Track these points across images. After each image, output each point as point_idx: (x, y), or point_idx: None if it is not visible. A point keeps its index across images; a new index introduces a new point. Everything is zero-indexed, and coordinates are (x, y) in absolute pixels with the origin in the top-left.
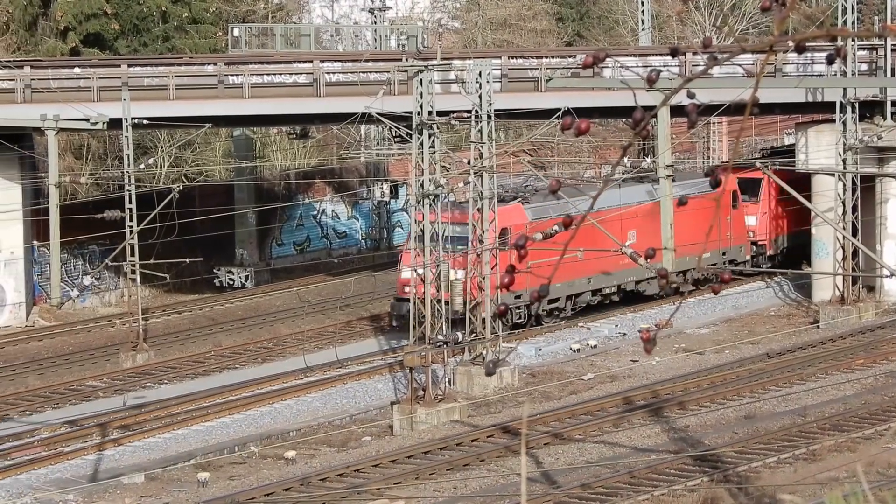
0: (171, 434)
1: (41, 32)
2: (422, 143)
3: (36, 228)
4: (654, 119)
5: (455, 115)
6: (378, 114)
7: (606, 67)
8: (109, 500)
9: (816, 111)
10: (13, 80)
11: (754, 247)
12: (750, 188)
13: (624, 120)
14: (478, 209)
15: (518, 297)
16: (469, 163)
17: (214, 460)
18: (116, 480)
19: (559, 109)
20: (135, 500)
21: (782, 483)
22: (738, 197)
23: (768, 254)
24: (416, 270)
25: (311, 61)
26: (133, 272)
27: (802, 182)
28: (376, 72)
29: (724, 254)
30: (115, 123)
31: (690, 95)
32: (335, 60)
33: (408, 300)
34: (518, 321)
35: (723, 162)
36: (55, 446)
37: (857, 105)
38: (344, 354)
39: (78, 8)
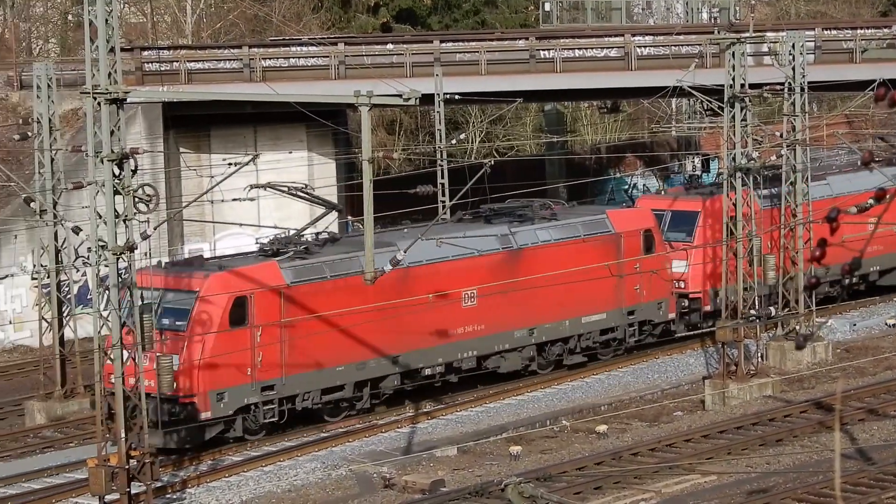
0: (483, 407)
1: (354, 9)
2: (734, 117)
3: (350, 203)
4: None
5: (768, 87)
6: (689, 87)
7: None
8: (422, 472)
9: None
10: (328, 57)
11: (686, 301)
12: (682, 224)
13: None
14: (790, 182)
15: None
16: (782, 136)
17: (526, 434)
18: (429, 453)
19: (874, 81)
20: (447, 473)
21: None
22: (656, 237)
23: (706, 310)
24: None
25: (623, 35)
26: None
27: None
28: (688, 45)
29: (630, 313)
30: (426, 99)
31: None
32: (646, 34)
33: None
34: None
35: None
36: (369, 419)
37: None
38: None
39: None
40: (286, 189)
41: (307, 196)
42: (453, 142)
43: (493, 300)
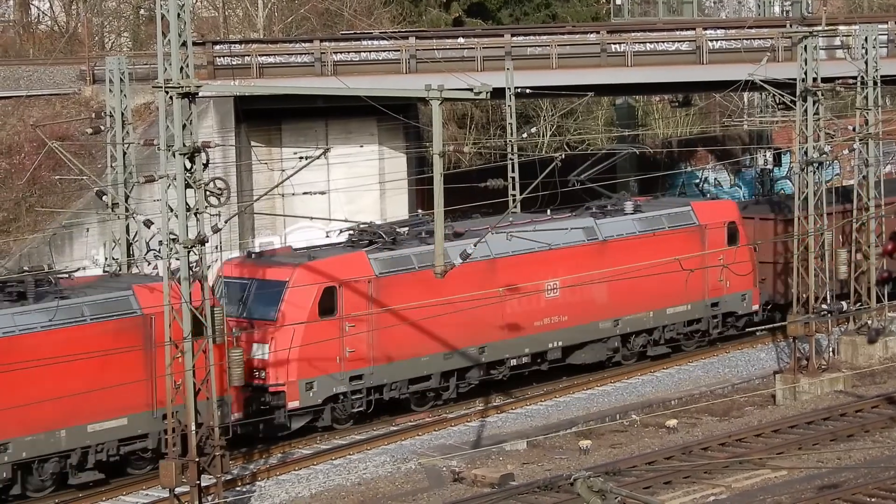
0: (552, 401)
1: (425, 3)
2: (806, 111)
3: (420, 197)
4: None
5: (840, 81)
6: (761, 81)
7: None
8: (492, 465)
9: None
10: (399, 51)
11: (269, 396)
12: (267, 297)
13: None
14: (863, 177)
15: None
16: (854, 130)
17: (596, 428)
18: (499, 447)
19: None
20: (517, 467)
21: None
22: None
23: (291, 406)
24: None
25: (694, 29)
26: None
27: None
28: (759, 38)
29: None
30: (497, 93)
31: None
32: (718, 27)
33: None
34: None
35: None
36: (439, 413)
37: None
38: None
39: None
40: None
41: None
42: (524, 136)
43: None
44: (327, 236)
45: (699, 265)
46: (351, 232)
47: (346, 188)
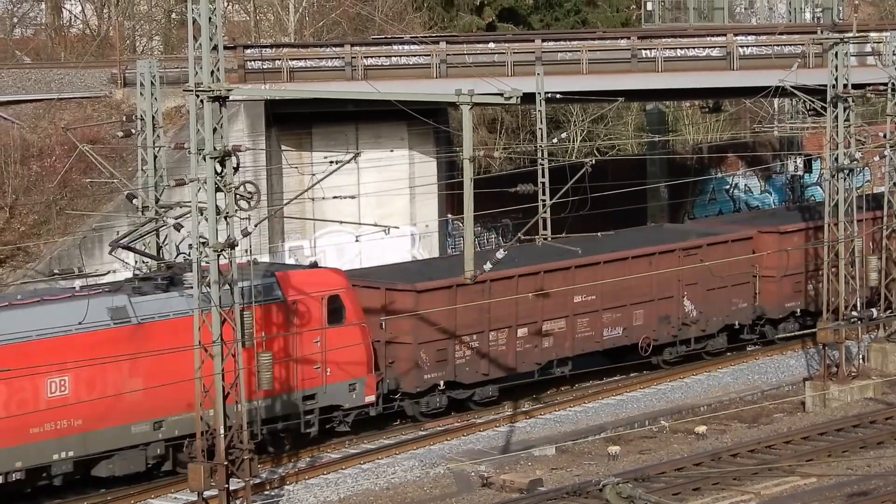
0: (581, 407)
1: (457, 8)
2: (836, 117)
3: (450, 202)
4: None
5: (871, 87)
6: (792, 87)
7: None
8: (521, 471)
9: None
10: (429, 55)
11: None
12: None
13: None
14: (894, 184)
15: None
16: (885, 136)
17: (625, 434)
18: (527, 452)
19: None
20: (545, 472)
21: None
22: None
23: None
24: None
25: (725, 34)
26: None
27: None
28: (790, 45)
29: None
30: (528, 98)
31: None
32: (749, 33)
33: None
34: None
35: None
36: (468, 418)
37: None
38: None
39: None
40: None
41: None
42: (554, 141)
43: None
44: (357, 240)
45: (282, 351)
46: None
47: (376, 192)
